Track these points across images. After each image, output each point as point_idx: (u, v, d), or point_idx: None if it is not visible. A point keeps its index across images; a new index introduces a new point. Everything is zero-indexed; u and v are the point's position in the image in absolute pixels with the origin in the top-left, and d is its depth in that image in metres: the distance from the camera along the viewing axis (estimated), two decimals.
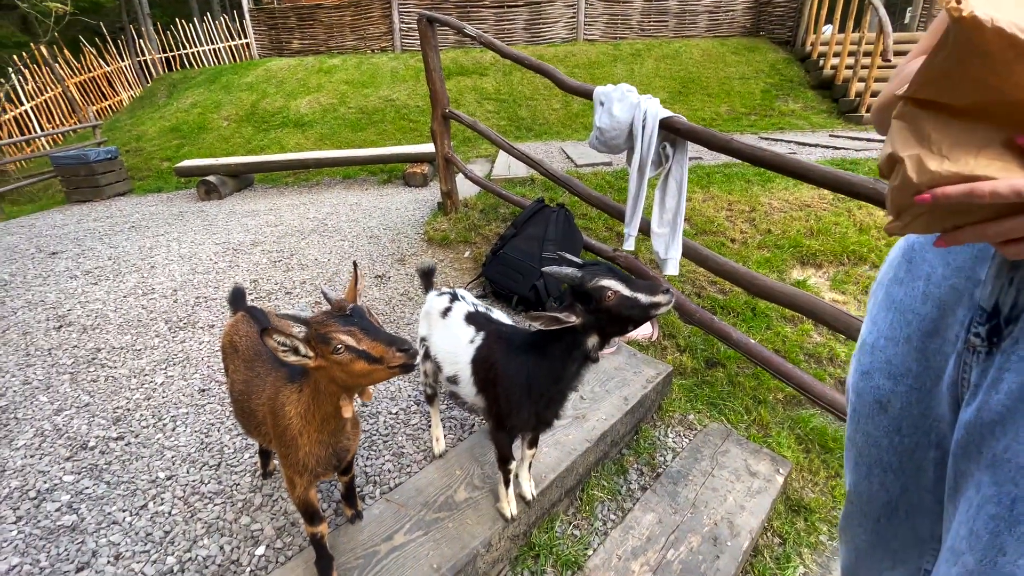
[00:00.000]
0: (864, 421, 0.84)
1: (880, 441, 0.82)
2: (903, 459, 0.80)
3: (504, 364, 1.33)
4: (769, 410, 2.28)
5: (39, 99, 10.07)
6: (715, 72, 9.14)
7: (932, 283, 0.73)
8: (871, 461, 0.85)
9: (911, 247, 0.78)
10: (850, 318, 1.92)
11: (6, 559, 1.46)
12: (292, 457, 1.14)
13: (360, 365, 0.96)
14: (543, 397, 1.30)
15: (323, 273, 3.40)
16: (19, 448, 1.91)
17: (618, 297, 1.12)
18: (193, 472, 1.74)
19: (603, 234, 3.68)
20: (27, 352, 2.61)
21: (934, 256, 0.73)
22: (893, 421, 0.79)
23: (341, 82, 9.40)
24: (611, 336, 1.22)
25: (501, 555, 1.52)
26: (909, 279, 0.77)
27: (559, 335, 1.21)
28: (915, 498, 0.81)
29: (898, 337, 0.77)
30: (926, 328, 0.74)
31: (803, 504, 1.89)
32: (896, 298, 0.78)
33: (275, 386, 1.18)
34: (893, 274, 0.80)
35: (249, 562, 1.41)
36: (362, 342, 0.96)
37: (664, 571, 1.55)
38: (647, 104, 2.20)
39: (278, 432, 1.14)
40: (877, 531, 0.88)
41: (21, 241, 4.65)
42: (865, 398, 0.83)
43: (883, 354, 0.80)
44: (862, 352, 0.84)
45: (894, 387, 0.78)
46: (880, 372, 0.80)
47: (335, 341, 0.95)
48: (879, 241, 3.45)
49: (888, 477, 0.83)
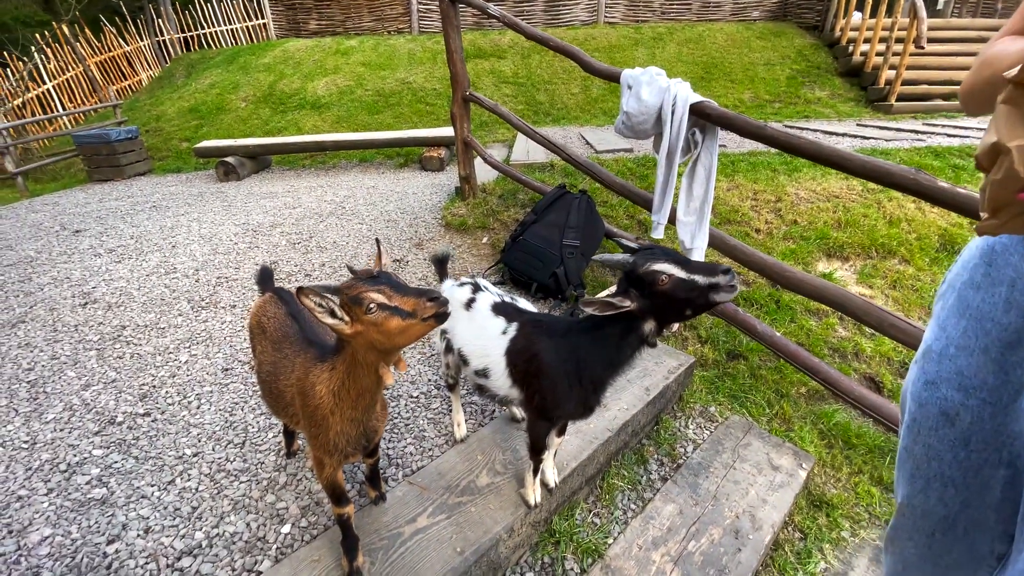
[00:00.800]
0: (926, 433, 0.79)
1: (943, 455, 0.77)
2: (968, 475, 0.75)
3: (548, 354, 1.30)
4: (792, 404, 2.25)
5: (61, 78, 10.15)
6: (739, 57, 8.91)
7: (1017, 290, 0.67)
8: (930, 475, 0.80)
9: (991, 248, 0.72)
10: (882, 312, 1.87)
11: (39, 530, 1.49)
12: (322, 438, 1.14)
13: (395, 322, 0.95)
14: (593, 383, 1.28)
15: (342, 256, 3.41)
16: (49, 421, 1.96)
17: (673, 280, 1.08)
18: (219, 449, 1.76)
19: (624, 222, 3.63)
20: (54, 328, 2.66)
21: (1020, 260, 0.67)
22: (961, 435, 0.75)
23: (358, 64, 9.34)
24: (670, 321, 1.19)
25: (522, 541, 1.53)
26: (988, 284, 0.71)
27: (614, 320, 1.19)
28: (977, 515, 0.76)
29: (972, 347, 0.72)
30: (1008, 339, 0.68)
31: (825, 500, 1.87)
32: (972, 304, 0.73)
33: (304, 366, 1.17)
34: (968, 277, 0.74)
35: (275, 539, 1.42)
36: (393, 299, 0.96)
37: (685, 562, 1.54)
38: (677, 88, 2.14)
39: (308, 412, 1.14)
40: (930, 546, 0.84)
41: (45, 219, 4.72)
42: (929, 409, 0.78)
43: (953, 364, 0.75)
44: (927, 360, 0.79)
45: (964, 400, 0.73)
46: (949, 383, 0.75)
47: (367, 300, 0.95)
48: (909, 235, 3.36)
49: (948, 492, 0.79)
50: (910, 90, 7.23)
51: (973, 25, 8.53)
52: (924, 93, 7.26)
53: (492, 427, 1.84)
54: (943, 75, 7.45)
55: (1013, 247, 0.68)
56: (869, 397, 2.04)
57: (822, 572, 1.65)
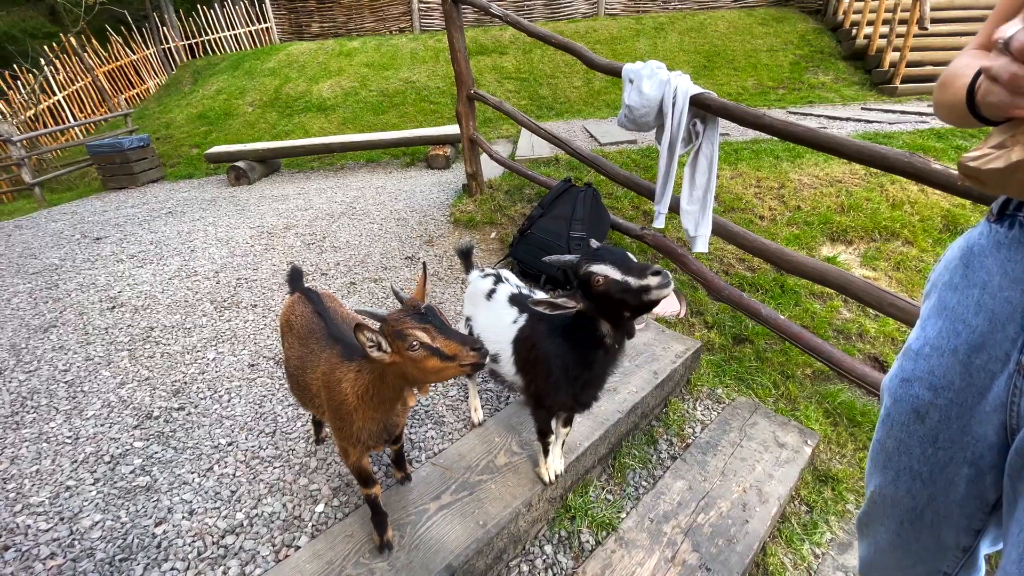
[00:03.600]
0: (898, 428, 0.82)
1: (912, 449, 0.80)
2: (934, 471, 0.78)
3: (544, 346, 1.36)
4: (797, 385, 2.31)
5: (70, 89, 10.34)
6: (741, 45, 8.89)
7: (988, 292, 0.68)
8: (900, 467, 0.83)
9: (970, 249, 0.72)
10: (882, 292, 1.93)
11: (89, 516, 1.60)
12: (346, 430, 1.21)
13: (433, 362, 0.99)
14: (578, 380, 1.33)
15: (355, 255, 3.51)
16: (89, 418, 2.07)
17: (607, 281, 1.10)
18: (251, 439, 1.87)
19: (630, 213, 3.70)
20: (85, 331, 2.78)
21: (993, 263, 0.68)
22: (929, 432, 0.77)
23: (361, 65, 9.43)
24: (615, 322, 1.20)
25: (540, 515, 1.62)
26: (964, 285, 0.72)
27: (579, 319, 1.23)
28: (943, 509, 0.79)
29: (944, 347, 0.73)
30: (974, 341, 0.69)
31: (831, 474, 1.94)
32: (948, 305, 0.74)
33: (329, 362, 1.24)
34: (948, 277, 0.75)
35: (311, 518, 1.53)
36: (436, 340, 0.99)
37: (695, 533, 1.62)
38: (677, 81, 2.21)
39: (333, 405, 1.21)
40: (899, 533, 0.87)
41: (65, 227, 4.86)
42: (902, 405, 0.80)
43: (926, 363, 0.76)
44: (906, 357, 0.81)
45: (933, 399, 0.75)
46: (921, 382, 0.77)
47: (411, 338, 0.99)
48: (912, 217, 3.40)
49: (916, 485, 0.81)
50: (915, 72, 7.19)
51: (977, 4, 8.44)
52: (929, 75, 7.22)
53: (508, 411, 1.93)
54: (948, 56, 7.39)
55: (989, 250, 0.69)
56: (873, 376, 2.10)
57: (828, 542, 1.73)
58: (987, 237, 0.70)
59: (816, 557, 1.68)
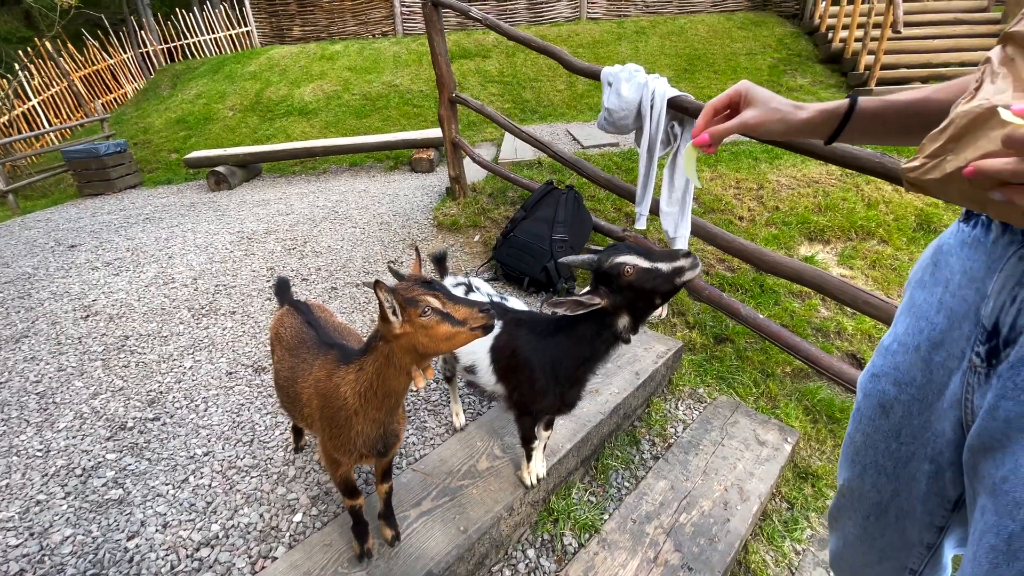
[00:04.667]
0: (865, 422, 0.84)
1: (878, 444, 0.82)
2: (898, 466, 0.79)
3: (527, 350, 1.34)
4: (777, 383, 2.34)
5: (46, 94, 10.12)
6: (721, 48, 9.01)
7: (949, 291, 0.69)
8: (866, 461, 0.84)
9: (940, 248, 0.74)
10: (856, 290, 1.96)
11: (60, 531, 1.56)
12: (342, 437, 1.16)
13: (444, 328, 0.99)
14: (568, 379, 1.32)
15: (337, 260, 3.47)
16: (61, 430, 2.02)
17: (637, 271, 1.10)
18: (228, 448, 1.84)
19: (612, 215, 3.72)
20: (58, 341, 2.71)
21: (956, 261, 0.69)
22: (893, 427, 0.79)
23: (344, 68, 9.37)
24: (642, 313, 1.20)
25: (522, 519, 1.61)
26: (931, 283, 0.73)
27: (586, 317, 1.21)
28: (906, 504, 0.80)
29: (909, 344, 0.75)
30: (935, 339, 0.71)
31: (811, 471, 1.96)
32: (916, 302, 0.76)
33: (324, 368, 1.21)
34: (920, 275, 0.77)
35: (288, 528, 1.50)
36: (446, 305, 1.00)
37: (677, 533, 1.63)
38: (655, 84, 2.23)
39: (329, 413, 1.17)
40: (865, 527, 0.89)
41: (39, 235, 4.75)
42: (870, 400, 0.82)
43: (893, 359, 0.78)
44: (878, 353, 0.83)
45: (898, 394, 0.77)
46: (887, 377, 0.79)
47: (422, 303, 0.99)
48: (887, 216, 3.47)
49: (881, 480, 0.83)
50: (889, 74, 7.35)
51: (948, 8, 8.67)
52: (903, 77, 7.38)
53: (490, 415, 1.92)
54: (921, 58, 7.58)
55: (955, 249, 0.70)
56: (849, 372, 2.14)
57: (808, 538, 1.74)
58: (955, 236, 0.71)
59: (797, 553, 1.70)
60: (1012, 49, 0.52)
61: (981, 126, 0.50)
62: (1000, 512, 0.57)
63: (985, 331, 0.62)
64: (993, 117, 0.48)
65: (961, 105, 0.52)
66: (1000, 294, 0.60)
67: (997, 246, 0.63)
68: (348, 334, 1.44)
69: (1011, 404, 0.57)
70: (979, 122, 0.50)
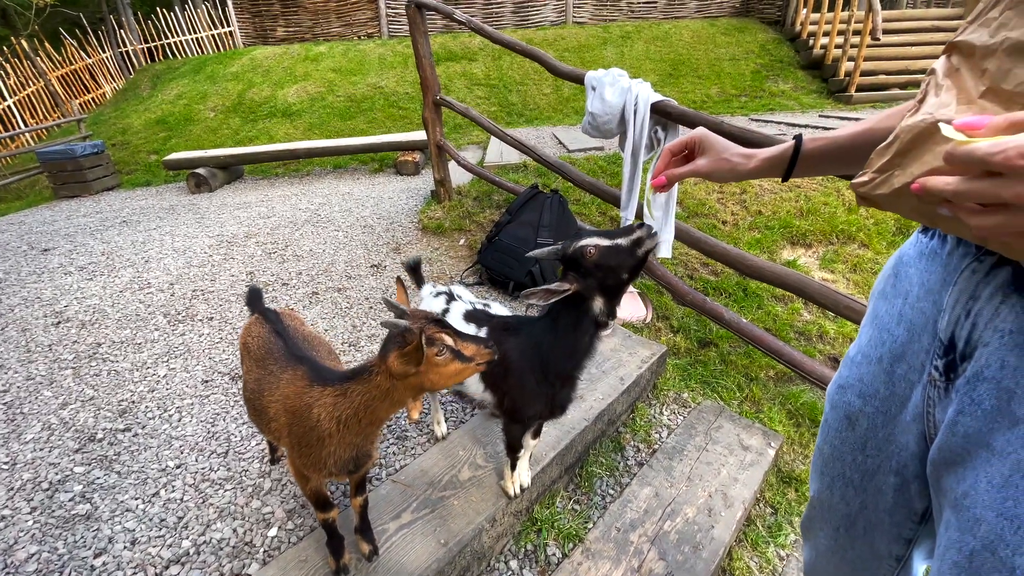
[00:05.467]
0: (833, 434, 0.83)
1: (845, 456, 0.81)
2: (864, 478, 0.79)
3: (514, 355, 1.33)
4: (761, 387, 2.34)
5: (21, 94, 9.87)
6: (705, 54, 9.11)
7: (908, 303, 0.69)
8: (835, 473, 0.84)
9: (900, 258, 0.73)
10: (837, 295, 1.97)
11: (24, 548, 1.50)
12: (312, 456, 1.12)
13: (454, 365, 1.01)
14: (559, 378, 1.30)
15: (318, 264, 3.42)
16: (28, 442, 1.94)
17: (600, 250, 1.13)
18: (202, 460, 1.78)
19: (597, 219, 3.72)
20: (27, 348, 2.62)
21: (915, 273, 0.69)
22: (859, 439, 0.78)
23: (328, 70, 9.29)
24: (614, 292, 1.21)
25: (505, 530, 1.58)
26: (892, 295, 0.73)
27: (567, 308, 1.23)
28: (873, 516, 0.79)
29: (872, 356, 0.75)
30: (896, 351, 0.71)
31: (794, 476, 1.96)
32: (878, 313, 0.76)
33: (292, 383, 1.17)
34: (882, 286, 0.77)
35: (262, 543, 1.46)
36: (457, 343, 1.02)
37: (662, 541, 1.61)
38: (638, 88, 2.23)
39: (299, 431, 1.13)
40: (836, 539, 0.88)
41: (12, 238, 4.61)
42: (837, 411, 0.82)
43: (858, 370, 0.78)
44: (844, 364, 0.83)
45: (863, 406, 0.77)
46: (852, 389, 0.78)
47: (439, 343, 1.00)
48: (868, 220, 3.51)
49: (849, 492, 0.82)
50: (868, 80, 7.49)
51: (927, 16, 8.87)
52: (882, 83, 7.53)
53: (472, 423, 1.89)
54: (899, 65, 7.73)
55: (913, 260, 0.70)
56: (830, 376, 2.15)
57: (792, 544, 1.74)
58: (914, 247, 0.71)
59: (781, 559, 1.69)
60: (957, 59, 0.51)
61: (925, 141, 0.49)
62: (962, 528, 0.56)
63: (942, 345, 0.61)
64: (936, 132, 0.47)
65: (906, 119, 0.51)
66: (955, 308, 0.59)
67: (952, 258, 0.62)
68: (319, 344, 1.39)
69: (969, 420, 0.56)
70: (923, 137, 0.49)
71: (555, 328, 1.27)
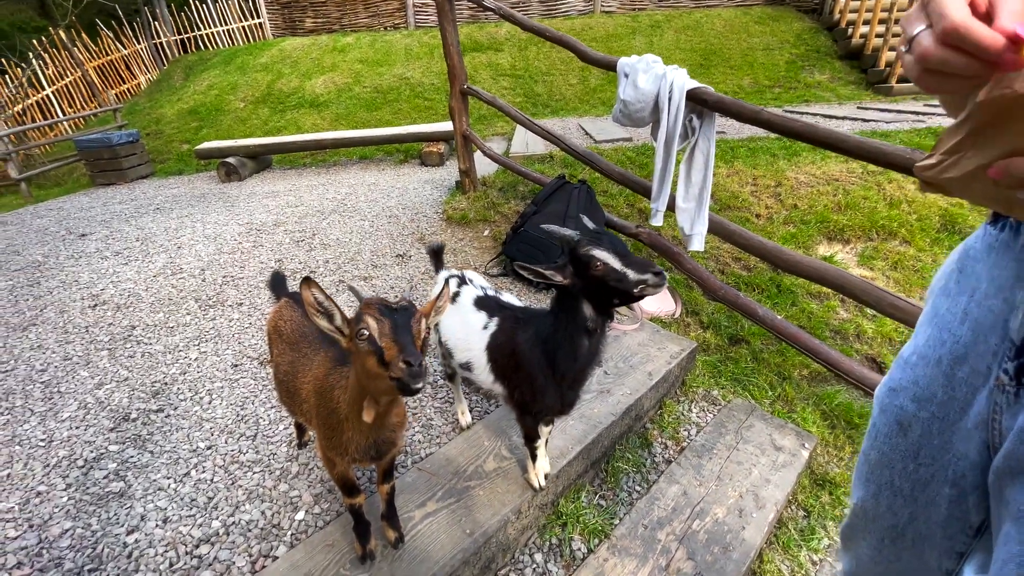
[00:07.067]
0: (882, 439, 0.77)
1: (894, 464, 0.75)
2: (915, 488, 0.73)
3: (525, 348, 1.31)
4: (794, 386, 2.27)
5: (60, 84, 10.19)
6: (737, 43, 8.86)
7: (974, 300, 0.64)
8: (882, 482, 0.78)
9: (966, 253, 0.68)
10: (882, 292, 1.89)
11: (59, 523, 1.54)
12: (335, 439, 1.12)
13: (371, 362, 0.88)
14: (566, 377, 1.28)
15: (345, 253, 3.44)
16: (64, 420, 2.00)
17: (607, 269, 1.11)
18: (231, 442, 1.81)
19: (624, 211, 3.65)
20: (65, 329, 2.70)
21: (982, 268, 0.63)
22: (911, 447, 0.72)
23: (355, 61, 9.34)
24: (600, 307, 1.19)
25: (530, 522, 1.56)
26: (956, 291, 0.67)
27: (562, 305, 1.22)
28: (924, 529, 0.74)
29: (929, 357, 0.69)
30: (957, 352, 0.65)
31: (828, 478, 1.89)
32: (939, 311, 0.69)
33: (323, 364, 1.16)
34: (944, 283, 0.71)
35: (290, 526, 1.46)
36: (383, 337, 0.87)
37: (690, 541, 1.57)
38: (673, 75, 2.16)
39: (324, 412, 1.13)
40: (880, 550, 0.83)
41: (51, 224, 4.77)
42: (888, 416, 0.76)
43: (913, 372, 0.72)
44: (896, 365, 0.76)
45: (917, 411, 0.70)
46: (906, 392, 0.72)
47: (362, 324, 0.88)
48: (910, 215, 3.36)
49: (897, 502, 0.76)
50: None
51: None
52: None
53: (497, 414, 1.87)
54: None
55: (981, 254, 0.64)
56: (870, 377, 2.07)
57: (825, 548, 1.68)
58: (982, 240, 0.65)
59: (814, 564, 1.63)
60: None
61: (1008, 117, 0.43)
62: None
63: (1014, 346, 0.56)
64: None
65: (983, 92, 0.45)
66: None
67: None
68: None
69: None
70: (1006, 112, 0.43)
71: (556, 325, 1.26)
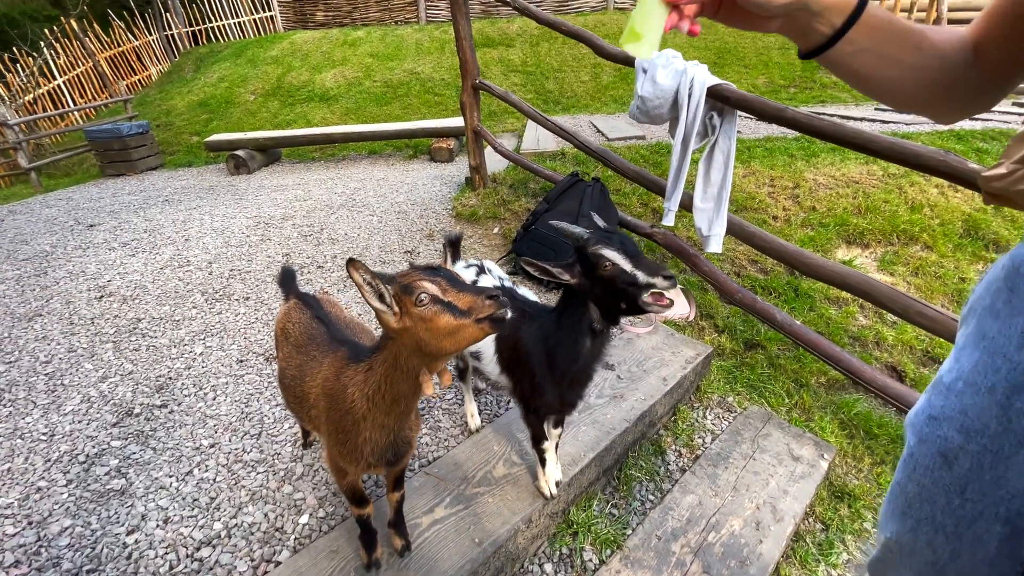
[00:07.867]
0: (921, 472, 0.71)
1: (936, 499, 0.69)
2: (960, 525, 0.67)
3: (528, 342, 1.29)
4: (811, 394, 2.20)
5: (71, 74, 10.22)
6: (752, 42, 8.73)
7: None
8: (921, 516, 0.72)
9: (1016, 269, 0.61)
10: (908, 299, 1.81)
11: (58, 521, 1.50)
12: (349, 444, 1.07)
13: (445, 319, 0.86)
14: (565, 377, 1.26)
15: (353, 247, 3.40)
16: (67, 414, 1.97)
17: (616, 270, 1.07)
18: (235, 440, 1.77)
19: (638, 210, 3.58)
20: (71, 321, 2.68)
21: None
22: (958, 481, 0.66)
23: (366, 55, 9.30)
24: (607, 310, 1.16)
25: (540, 531, 1.51)
26: (1008, 312, 0.61)
27: (568, 304, 1.19)
28: (967, 567, 0.68)
29: (980, 384, 0.63)
30: (1016, 381, 0.59)
31: (847, 490, 1.83)
32: (988, 334, 0.63)
33: (333, 366, 1.11)
34: (990, 302, 0.64)
35: (293, 530, 1.42)
36: (448, 293, 0.87)
37: (706, 553, 1.52)
38: (694, 71, 2.09)
39: (336, 416, 1.07)
40: None
41: (60, 214, 4.76)
42: (928, 447, 0.70)
43: (959, 401, 0.65)
44: (936, 391, 0.70)
45: (965, 443, 0.64)
46: (951, 422, 0.66)
47: (418, 290, 0.85)
48: (932, 220, 3.27)
49: (939, 538, 0.70)
50: None
51: None
52: None
53: (507, 418, 1.82)
54: None
55: None
56: (892, 386, 1.99)
57: (844, 563, 1.62)
58: None
59: None
60: None
61: None
62: None
63: None
64: None
65: None
66: None
67: None
68: (360, 331, 1.34)
69: None
70: None
71: (559, 323, 1.23)
